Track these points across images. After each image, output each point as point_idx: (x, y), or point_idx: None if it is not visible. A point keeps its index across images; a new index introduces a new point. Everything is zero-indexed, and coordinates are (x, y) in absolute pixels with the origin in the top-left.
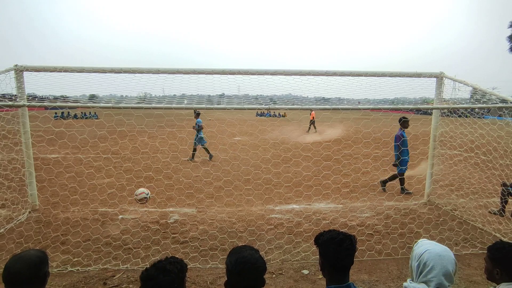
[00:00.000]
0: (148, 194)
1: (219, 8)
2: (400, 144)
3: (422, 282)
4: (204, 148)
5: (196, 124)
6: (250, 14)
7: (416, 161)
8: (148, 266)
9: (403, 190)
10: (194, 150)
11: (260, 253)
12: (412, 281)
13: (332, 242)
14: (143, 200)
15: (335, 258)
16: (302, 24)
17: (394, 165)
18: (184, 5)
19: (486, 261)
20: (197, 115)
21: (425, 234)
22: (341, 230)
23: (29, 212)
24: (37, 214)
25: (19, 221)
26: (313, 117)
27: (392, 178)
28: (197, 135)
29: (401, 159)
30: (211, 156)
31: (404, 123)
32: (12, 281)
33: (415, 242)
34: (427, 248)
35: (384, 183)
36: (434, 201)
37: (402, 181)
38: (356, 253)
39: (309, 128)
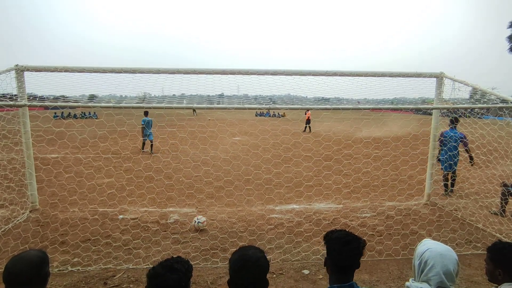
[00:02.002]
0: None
1: (217, 7)
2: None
3: (424, 281)
4: (151, 142)
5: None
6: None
7: (417, 161)
8: (152, 265)
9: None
10: (144, 143)
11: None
12: (414, 280)
13: (339, 242)
14: (198, 227)
15: (338, 257)
16: (296, 21)
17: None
18: (186, 5)
19: (487, 262)
20: (144, 113)
21: (422, 232)
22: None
23: (29, 213)
24: (37, 214)
25: (18, 221)
26: (309, 117)
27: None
28: (146, 131)
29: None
30: (150, 151)
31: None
32: (13, 281)
33: (419, 242)
34: (429, 247)
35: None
36: (435, 201)
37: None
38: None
39: (305, 127)
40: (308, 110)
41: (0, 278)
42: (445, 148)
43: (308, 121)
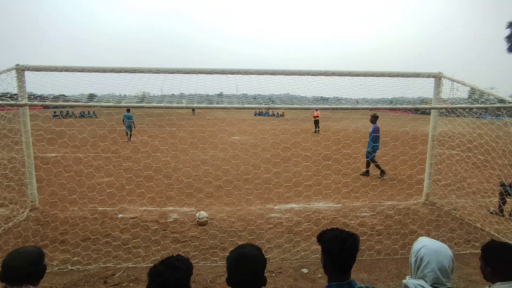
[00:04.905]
0: (207, 217)
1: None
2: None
3: (420, 277)
4: (130, 132)
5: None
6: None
7: (415, 161)
8: (151, 264)
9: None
10: (127, 133)
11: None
12: (411, 277)
13: (336, 241)
14: (203, 223)
15: (338, 256)
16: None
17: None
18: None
19: (480, 260)
20: (127, 110)
21: (421, 231)
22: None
23: (29, 211)
24: (37, 213)
25: (18, 220)
26: (317, 116)
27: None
28: (127, 123)
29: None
30: (129, 139)
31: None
32: (12, 277)
33: (416, 240)
34: (424, 244)
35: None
36: (433, 201)
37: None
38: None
39: (316, 127)
40: (317, 110)
41: None
42: (379, 139)
43: (317, 121)
